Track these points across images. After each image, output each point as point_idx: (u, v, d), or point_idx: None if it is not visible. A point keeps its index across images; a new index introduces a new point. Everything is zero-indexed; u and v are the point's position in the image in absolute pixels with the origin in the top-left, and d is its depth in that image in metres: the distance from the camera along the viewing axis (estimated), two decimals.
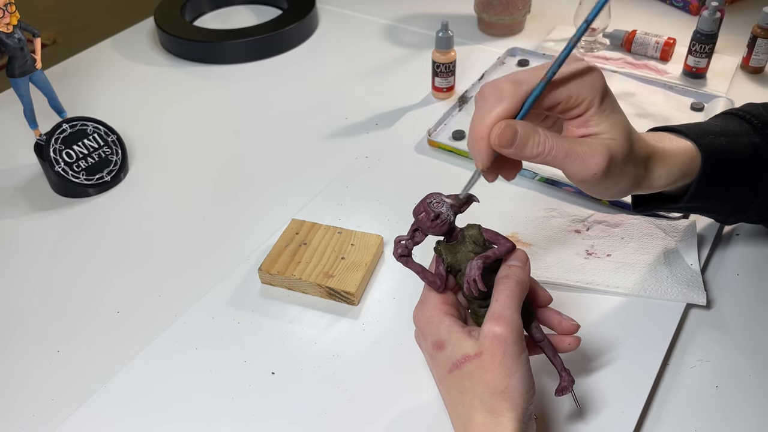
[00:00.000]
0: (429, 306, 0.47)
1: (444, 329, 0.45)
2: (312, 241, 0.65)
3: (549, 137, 0.44)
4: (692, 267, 0.61)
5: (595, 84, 0.45)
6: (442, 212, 0.45)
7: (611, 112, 0.46)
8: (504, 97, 0.44)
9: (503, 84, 0.44)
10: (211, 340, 0.59)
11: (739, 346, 0.56)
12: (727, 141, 0.53)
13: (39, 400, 0.56)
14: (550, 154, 0.44)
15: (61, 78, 0.98)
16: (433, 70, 0.86)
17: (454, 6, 1.12)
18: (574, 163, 0.45)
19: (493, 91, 0.44)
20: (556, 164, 0.45)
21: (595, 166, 0.45)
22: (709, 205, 0.56)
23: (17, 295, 0.66)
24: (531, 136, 0.44)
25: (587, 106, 0.45)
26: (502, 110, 0.43)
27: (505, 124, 0.43)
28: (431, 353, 0.46)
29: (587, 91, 0.44)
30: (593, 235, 0.66)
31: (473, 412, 0.43)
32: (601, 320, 0.58)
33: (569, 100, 0.44)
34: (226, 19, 1.14)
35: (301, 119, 0.89)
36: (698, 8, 1.06)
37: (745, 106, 0.59)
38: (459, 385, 0.44)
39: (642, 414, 0.51)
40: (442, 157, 0.79)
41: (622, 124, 0.46)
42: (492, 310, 0.44)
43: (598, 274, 0.61)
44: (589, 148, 0.45)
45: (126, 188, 0.79)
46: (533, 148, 0.44)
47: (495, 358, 0.43)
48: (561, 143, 0.45)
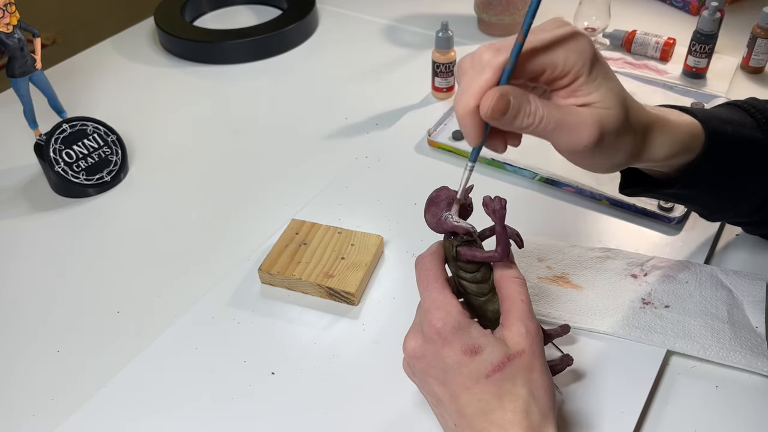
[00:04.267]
0: (453, 309, 0.44)
1: (476, 332, 0.43)
2: (312, 241, 0.65)
3: (540, 106, 0.41)
4: (757, 330, 0.56)
5: (584, 50, 0.41)
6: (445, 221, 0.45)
7: (603, 79, 0.42)
8: (484, 67, 0.41)
9: (481, 53, 0.41)
10: (211, 340, 0.59)
11: None
12: (733, 129, 0.51)
13: (39, 400, 0.56)
14: (540, 124, 0.41)
15: (61, 78, 0.98)
16: (433, 70, 0.86)
17: (454, 6, 1.12)
18: (564, 135, 0.42)
19: (472, 62, 0.42)
20: (545, 135, 0.43)
21: (586, 138, 0.42)
22: (700, 195, 0.53)
23: (17, 295, 0.66)
24: (522, 106, 0.41)
25: (576, 74, 0.41)
26: (485, 81, 0.41)
27: (499, 93, 0.40)
28: (460, 361, 0.42)
29: (575, 59, 0.41)
30: (651, 282, 0.60)
31: (517, 415, 0.41)
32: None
33: (555, 68, 0.41)
34: (226, 19, 1.14)
35: (301, 119, 0.89)
36: (698, 8, 1.06)
37: (749, 99, 0.56)
38: (498, 388, 0.42)
39: (642, 414, 0.51)
40: (442, 157, 0.79)
41: (615, 91, 0.43)
42: (521, 309, 0.44)
43: (656, 330, 0.56)
44: (579, 119, 0.42)
45: (126, 188, 0.79)
46: (524, 119, 0.41)
47: (536, 357, 0.42)
48: (551, 113, 0.41)
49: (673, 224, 0.67)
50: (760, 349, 0.55)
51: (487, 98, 0.40)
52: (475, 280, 0.46)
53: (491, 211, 0.44)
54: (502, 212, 0.44)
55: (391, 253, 0.66)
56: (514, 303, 0.44)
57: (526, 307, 0.44)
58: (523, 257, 0.64)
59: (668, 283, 0.61)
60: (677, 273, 0.61)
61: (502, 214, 0.44)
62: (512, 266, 0.47)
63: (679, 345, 0.55)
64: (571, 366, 0.51)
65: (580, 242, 0.66)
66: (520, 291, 0.45)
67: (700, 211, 0.59)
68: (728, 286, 0.60)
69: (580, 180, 0.72)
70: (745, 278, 0.60)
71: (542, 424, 0.42)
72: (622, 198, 0.69)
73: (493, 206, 0.44)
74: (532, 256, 0.64)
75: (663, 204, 0.68)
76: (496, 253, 0.45)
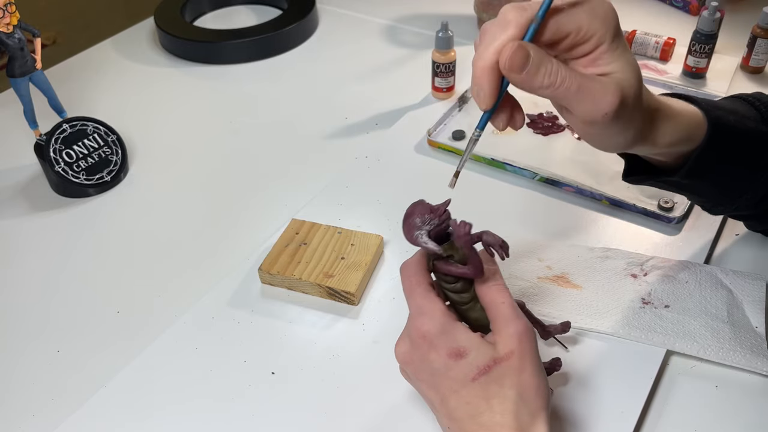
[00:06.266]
0: (437, 314, 0.44)
1: (462, 335, 0.43)
2: (312, 241, 0.65)
3: (561, 67, 0.41)
4: (757, 330, 0.56)
5: (608, 17, 0.41)
6: (420, 238, 0.45)
7: (623, 50, 0.42)
8: (509, 23, 0.40)
9: (506, 11, 0.40)
10: (211, 340, 0.59)
11: None
12: (735, 120, 0.51)
13: (39, 400, 0.56)
14: (562, 85, 0.41)
15: (61, 78, 0.98)
16: (433, 70, 0.86)
17: (454, 6, 1.12)
18: (585, 100, 0.41)
19: (495, 21, 0.41)
20: (566, 99, 0.42)
21: (607, 105, 0.41)
22: (702, 185, 0.53)
23: (17, 295, 0.66)
24: (543, 63, 0.40)
25: (598, 41, 0.41)
26: (507, 37, 0.40)
27: (517, 45, 0.39)
28: (446, 365, 0.43)
29: (599, 24, 0.40)
30: (651, 282, 0.61)
31: (505, 417, 0.41)
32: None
33: (579, 32, 0.40)
34: (226, 19, 1.14)
35: (301, 119, 0.89)
36: (698, 8, 1.06)
37: (755, 93, 0.56)
38: (485, 391, 0.42)
39: (642, 414, 0.51)
40: (442, 157, 0.79)
41: (633, 64, 0.43)
42: (503, 311, 0.44)
43: (656, 330, 0.56)
44: (602, 86, 0.41)
45: (126, 188, 0.79)
46: (545, 77, 0.40)
47: (526, 357, 0.42)
48: (573, 75, 0.41)
49: (673, 224, 0.67)
50: (760, 349, 0.55)
51: (507, 50, 0.39)
52: (455, 290, 0.47)
53: (457, 237, 0.45)
54: (466, 237, 0.44)
55: (391, 253, 0.66)
56: (497, 308, 0.44)
57: (509, 310, 0.44)
58: (523, 257, 0.64)
59: (668, 283, 0.61)
60: (677, 273, 0.61)
61: (467, 239, 0.44)
62: (492, 274, 0.46)
63: (679, 345, 0.55)
64: (558, 371, 0.51)
65: (580, 242, 0.66)
66: (500, 295, 0.45)
67: (702, 203, 0.58)
68: (728, 286, 0.60)
69: (580, 180, 0.72)
70: (745, 278, 0.60)
71: (532, 424, 0.42)
72: (622, 198, 0.69)
73: (458, 232, 0.45)
74: (532, 256, 0.64)
75: (663, 204, 0.68)
76: (468, 270, 0.45)
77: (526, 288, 0.61)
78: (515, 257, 0.64)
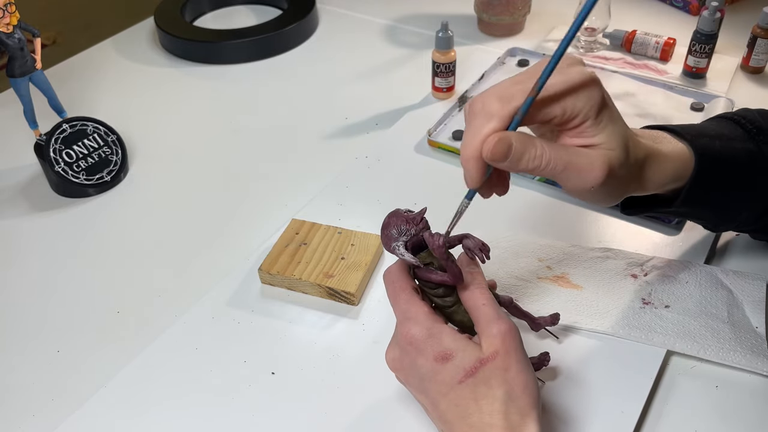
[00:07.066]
0: (422, 318, 0.45)
1: (447, 338, 0.44)
2: (312, 241, 0.65)
3: (546, 149, 0.43)
4: (758, 330, 0.56)
5: (592, 95, 0.44)
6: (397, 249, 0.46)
7: (608, 122, 0.45)
8: (492, 116, 0.43)
9: (491, 102, 0.43)
10: (211, 340, 0.59)
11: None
12: (722, 145, 0.52)
13: (39, 400, 0.56)
14: (548, 166, 0.44)
15: (61, 78, 0.98)
16: (433, 70, 0.86)
17: (454, 6, 1.12)
18: (571, 177, 0.44)
19: (482, 109, 0.43)
20: (554, 177, 0.45)
21: (594, 180, 0.44)
22: (699, 211, 0.55)
23: (17, 295, 0.66)
24: (527, 149, 0.43)
25: (583, 118, 0.44)
26: (490, 130, 0.43)
27: (498, 137, 0.42)
28: (434, 369, 0.43)
29: (582, 104, 0.43)
30: (651, 282, 0.61)
31: (494, 417, 0.42)
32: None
33: (564, 114, 0.43)
34: (226, 19, 1.14)
35: (301, 119, 0.89)
36: (698, 8, 1.06)
37: (740, 110, 0.58)
38: (473, 393, 0.42)
39: (642, 414, 0.51)
40: (442, 157, 0.79)
41: (619, 133, 0.45)
42: (485, 313, 0.44)
43: (656, 330, 0.56)
44: (588, 160, 0.44)
45: (126, 188, 0.79)
46: (529, 162, 0.43)
47: (511, 356, 0.43)
48: (559, 155, 0.44)
49: (673, 224, 0.67)
50: (760, 349, 0.55)
51: (489, 142, 0.43)
52: (438, 295, 0.47)
53: (431, 249, 0.45)
54: (440, 250, 0.45)
55: (435, 245, 0.66)
56: (479, 310, 0.45)
57: (491, 311, 0.44)
58: (523, 257, 0.64)
59: (668, 283, 0.61)
60: (677, 273, 0.61)
61: (441, 251, 0.45)
62: (474, 277, 0.47)
63: (679, 345, 0.55)
64: (546, 366, 0.52)
65: (580, 242, 0.66)
66: (480, 297, 0.45)
67: (703, 224, 0.60)
68: (728, 286, 0.60)
69: None
70: (745, 278, 0.60)
71: (522, 422, 0.42)
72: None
73: (431, 245, 0.45)
74: (532, 256, 0.64)
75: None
76: (447, 278, 0.46)
77: (526, 288, 0.61)
78: (515, 257, 0.64)
